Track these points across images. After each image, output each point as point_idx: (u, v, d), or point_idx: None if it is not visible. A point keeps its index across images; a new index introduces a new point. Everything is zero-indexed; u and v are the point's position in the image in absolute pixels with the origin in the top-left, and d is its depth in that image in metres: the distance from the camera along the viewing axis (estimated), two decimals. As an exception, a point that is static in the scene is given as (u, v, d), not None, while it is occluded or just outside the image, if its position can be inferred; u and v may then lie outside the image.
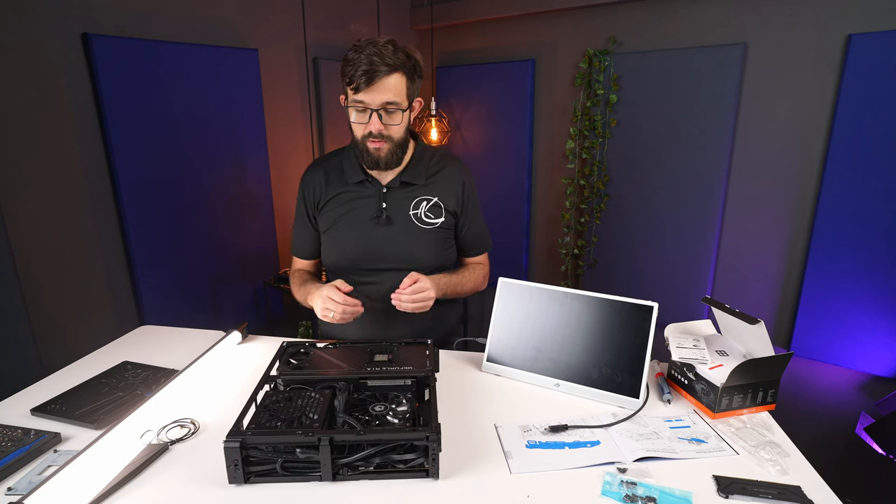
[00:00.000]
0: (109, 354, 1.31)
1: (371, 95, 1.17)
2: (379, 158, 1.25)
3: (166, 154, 2.53)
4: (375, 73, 1.14)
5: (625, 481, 0.84)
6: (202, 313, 2.83)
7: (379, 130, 1.21)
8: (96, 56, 2.20)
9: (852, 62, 2.42)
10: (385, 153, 1.25)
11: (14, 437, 0.94)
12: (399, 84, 1.19)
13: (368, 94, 1.17)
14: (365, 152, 1.25)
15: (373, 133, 1.21)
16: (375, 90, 1.16)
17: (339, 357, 1.09)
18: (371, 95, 1.17)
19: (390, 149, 1.25)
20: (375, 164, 1.27)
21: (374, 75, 1.14)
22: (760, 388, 1.05)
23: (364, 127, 1.22)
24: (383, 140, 1.23)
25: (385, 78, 1.16)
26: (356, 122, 1.23)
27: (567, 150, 3.34)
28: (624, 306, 1.11)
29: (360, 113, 1.21)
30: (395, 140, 1.25)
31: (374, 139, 1.22)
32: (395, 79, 1.17)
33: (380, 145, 1.23)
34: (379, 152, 1.24)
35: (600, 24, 3.16)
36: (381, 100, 1.18)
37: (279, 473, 0.83)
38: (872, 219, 2.52)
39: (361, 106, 1.19)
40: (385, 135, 1.22)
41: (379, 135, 1.22)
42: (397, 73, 1.17)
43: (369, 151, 1.25)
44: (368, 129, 1.21)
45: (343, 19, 3.42)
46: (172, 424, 0.99)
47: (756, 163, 2.83)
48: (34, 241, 2.13)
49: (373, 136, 1.22)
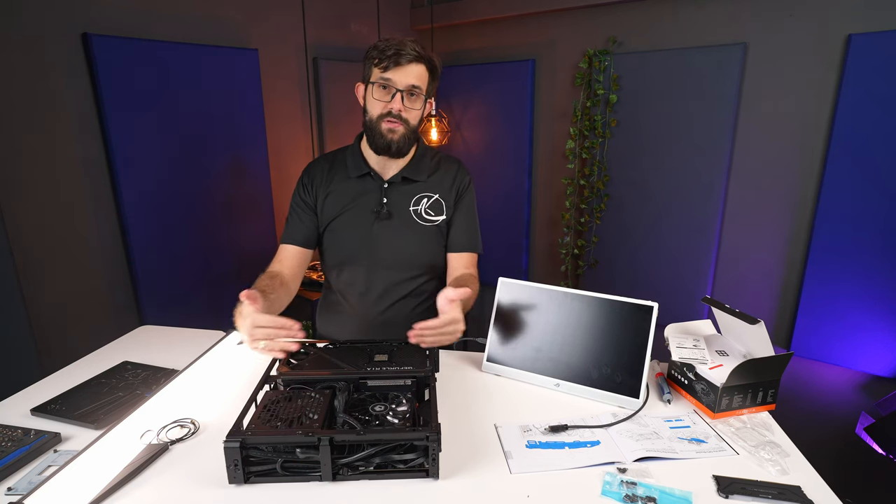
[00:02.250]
0: (109, 354, 1.31)
1: (399, 75, 1.21)
2: (392, 141, 1.25)
3: (166, 154, 2.53)
4: (405, 55, 1.20)
5: (625, 481, 0.84)
6: (202, 313, 2.83)
7: (399, 111, 1.23)
8: (96, 56, 2.20)
9: (852, 62, 2.42)
10: (399, 136, 1.25)
11: (14, 437, 0.94)
12: (423, 74, 1.24)
13: (397, 73, 1.21)
14: (378, 134, 1.26)
15: (392, 112, 1.23)
16: (404, 71, 1.21)
17: (339, 357, 1.09)
18: (399, 75, 1.21)
19: (404, 133, 1.26)
20: (387, 148, 1.26)
21: (402, 56, 1.20)
22: (760, 388, 1.05)
23: (385, 105, 1.24)
24: (400, 122, 1.24)
25: (412, 63, 1.21)
26: (378, 98, 1.24)
27: (567, 150, 3.33)
28: (624, 306, 1.11)
29: (384, 90, 1.23)
30: (411, 126, 1.27)
31: (391, 119, 1.24)
32: (420, 68, 1.23)
33: (395, 126, 1.24)
34: (393, 134, 1.25)
35: (600, 24, 3.16)
36: (407, 82, 1.22)
37: (279, 473, 0.83)
38: (873, 219, 2.52)
39: (387, 83, 1.22)
40: (404, 117, 1.24)
41: (398, 115, 1.23)
42: (423, 64, 1.23)
43: (383, 133, 1.25)
44: (389, 107, 1.23)
45: (343, 19, 3.42)
46: (172, 424, 0.99)
47: (756, 163, 2.83)
48: (34, 241, 2.13)
49: (391, 116, 1.23)
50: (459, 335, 1.08)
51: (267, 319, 0.98)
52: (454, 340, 1.09)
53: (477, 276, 1.38)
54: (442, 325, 1.04)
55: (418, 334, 1.05)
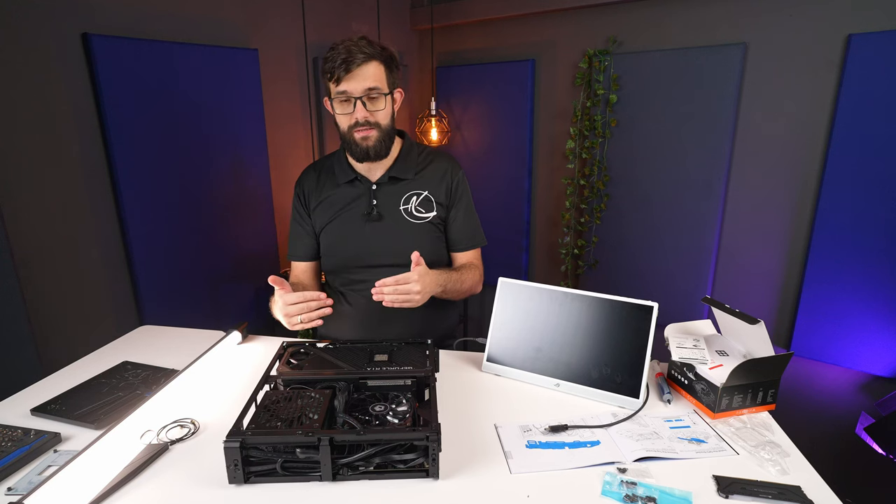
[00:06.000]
0: (109, 354, 1.31)
1: (352, 83, 1.19)
2: (368, 148, 1.25)
3: (166, 154, 2.53)
4: (353, 62, 1.18)
5: (625, 481, 0.84)
6: (202, 313, 2.83)
7: (365, 117, 1.22)
8: (96, 56, 2.19)
9: (852, 62, 2.42)
10: (374, 141, 1.25)
11: (14, 437, 0.94)
12: (378, 72, 1.22)
13: (349, 82, 1.19)
14: (353, 144, 1.26)
15: (359, 121, 1.22)
16: (355, 78, 1.19)
17: (339, 357, 1.09)
18: (352, 83, 1.19)
19: (378, 137, 1.25)
20: (365, 155, 1.26)
21: (351, 63, 1.18)
22: (760, 388, 1.05)
23: (349, 117, 1.23)
24: (370, 127, 1.24)
25: (363, 66, 1.19)
26: (341, 113, 1.24)
27: (567, 150, 3.34)
28: (624, 306, 1.11)
29: (344, 103, 1.22)
30: (383, 127, 1.26)
31: (360, 128, 1.23)
32: (373, 67, 1.21)
33: (367, 133, 1.24)
34: (367, 141, 1.25)
35: (600, 24, 3.16)
36: (362, 87, 1.20)
37: (279, 473, 0.83)
38: (873, 219, 2.52)
39: (344, 96, 1.21)
40: (372, 122, 1.23)
41: (365, 122, 1.23)
42: (374, 62, 1.21)
43: (357, 142, 1.25)
44: (354, 117, 1.23)
45: (343, 19, 3.42)
46: (172, 424, 0.99)
47: (756, 162, 2.83)
48: (34, 241, 2.13)
49: (359, 125, 1.23)
50: (418, 300, 1.18)
51: (296, 296, 1.14)
52: (413, 305, 1.19)
53: (479, 266, 1.45)
54: (395, 282, 1.15)
55: (378, 291, 1.16)
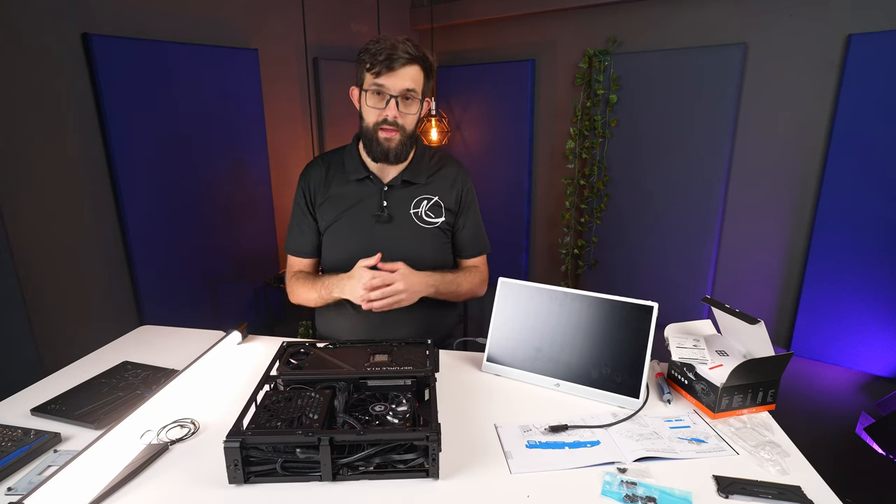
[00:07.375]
0: (109, 354, 1.31)
1: (392, 80, 1.18)
2: (389, 150, 1.24)
3: (166, 154, 2.53)
4: (397, 59, 1.17)
5: (625, 481, 0.84)
6: (202, 313, 2.83)
7: (395, 118, 1.21)
8: (96, 56, 2.20)
9: (852, 62, 2.42)
10: (396, 144, 1.24)
11: (14, 437, 0.94)
12: (417, 75, 1.21)
13: (390, 78, 1.18)
14: (375, 142, 1.24)
15: (388, 120, 1.21)
16: (397, 76, 1.18)
17: (339, 357, 1.09)
18: (392, 80, 1.18)
19: (401, 140, 1.24)
20: (385, 156, 1.25)
21: (395, 60, 1.16)
22: (760, 388, 1.05)
23: (380, 112, 1.21)
24: (396, 129, 1.22)
25: (406, 66, 1.18)
26: (372, 106, 1.22)
27: (567, 150, 3.34)
28: (624, 306, 1.11)
29: (378, 97, 1.21)
30: (408, 131, 1.25)
31: (387, 127, 1.22)
32: (414, 70, 1.20)
33: (392, 135, 1.23)
34: (389, 143, 1.23)
35: (600, 24, 3.16)
36: (401, 86, 1.19)
37: (279, 473, 0.83)
38: (873, 219, 2.52)
39: (380, 90, 1.20)
40: (399, 124, 1.22)
41: (394, 122, 1.21)
42: (416, 66, 1.20)
43: (380, 141, 1.24)
44: (384, 114, 1.21)
45: (343, 19, 3.42)
46: (172, 424, 0.99)
47: (756, 163, 2.83)
48: (34, 241, 2.13)
49: (387, 124, 1.21)
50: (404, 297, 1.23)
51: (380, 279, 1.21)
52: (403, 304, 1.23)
53: (483, 270, 1.45)
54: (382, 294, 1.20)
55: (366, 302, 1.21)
